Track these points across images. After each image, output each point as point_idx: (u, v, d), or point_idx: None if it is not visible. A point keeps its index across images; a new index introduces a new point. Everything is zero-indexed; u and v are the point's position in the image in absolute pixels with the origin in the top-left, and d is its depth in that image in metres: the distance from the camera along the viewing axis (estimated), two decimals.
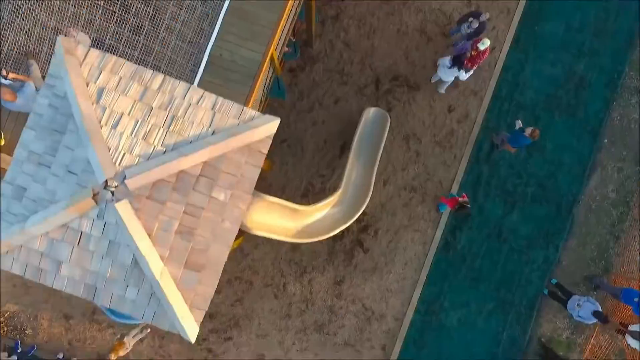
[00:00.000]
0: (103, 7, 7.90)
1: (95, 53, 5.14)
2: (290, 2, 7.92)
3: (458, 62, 9.45)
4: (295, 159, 10.73)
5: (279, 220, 7.88)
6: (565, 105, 10.80)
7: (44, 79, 7.59)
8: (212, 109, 5.10)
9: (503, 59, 10.90)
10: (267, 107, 10.21)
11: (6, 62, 7.94)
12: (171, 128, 4.98)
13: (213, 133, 5.00)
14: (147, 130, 4.93)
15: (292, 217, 8.09)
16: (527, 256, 10.59)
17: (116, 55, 6.58)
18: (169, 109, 5.04)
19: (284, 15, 7.91)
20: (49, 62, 7.63)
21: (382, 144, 10.10)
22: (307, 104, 10.77)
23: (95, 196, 4.68)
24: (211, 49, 7.90)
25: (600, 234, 10.60)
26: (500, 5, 10.96)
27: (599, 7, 10.91)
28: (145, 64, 8.00)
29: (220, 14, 7.93)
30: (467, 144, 10.78)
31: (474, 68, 9.59)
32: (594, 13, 10.91)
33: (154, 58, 8.06)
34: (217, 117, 5.06)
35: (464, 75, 9.74)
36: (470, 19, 9.43)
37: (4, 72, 6.86)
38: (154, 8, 7.95)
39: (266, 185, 10.45)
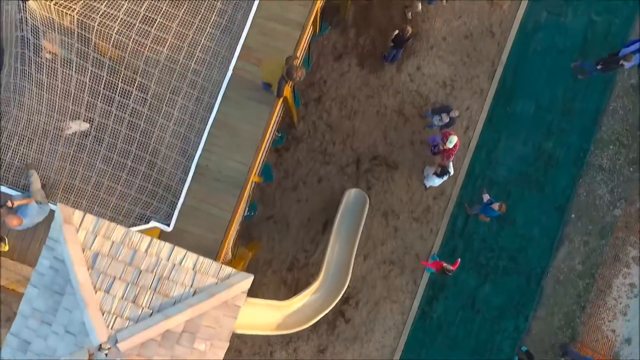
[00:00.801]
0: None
1: (90, 218, 5.81)
2: (273, 117, 8.60)
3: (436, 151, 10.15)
4: (281, 234, 11.40)
5: (262, 318, 8.56)
6: (535, 182, 11.47)
7: (43, 188, 8.34)
8: (193, 269, 5.78)
9: (477, 138, 11.56)
10: (256, 187, 10.88)
11: (8, 171, 8.63)
12: (157, 289, 5.67)
13: (194, 293, 5.69)
14: (136, 293, 5.61)
15: (273, 313, 8.78)
16: (498, 325, 11.30)
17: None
18: (155, 271, 5.73)
19: (269, 129, 8.58)
20: (48, 170, 8.38)
21: (362, 224, 10.82)
22: (292, 182, 11.44)
23: (90, 356, 5.38)
24: (198, 159, 8.58)
25: (567, 304, 11.29)
26: (473, 86, 11.61)
27: (567, 88, 11.55)
28: (137, 173, 8.69)
29: (206, 126, 8.62)
30: (442, 219, 11.45)
31: (450, 160, 10.23)
32: (562, 94, 11.55)
33: (145, 167, 8.74)
34: (198, 277, 5.75)
35: (445, 178, 10.37)
36: (442, 114, 10.09)
37: (9, 203, 7.51)
38: (145, 120, 8.62)
39: (254, 260, 11.14)
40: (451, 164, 10.42)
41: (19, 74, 8.43)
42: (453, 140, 9.57)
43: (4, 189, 8.44)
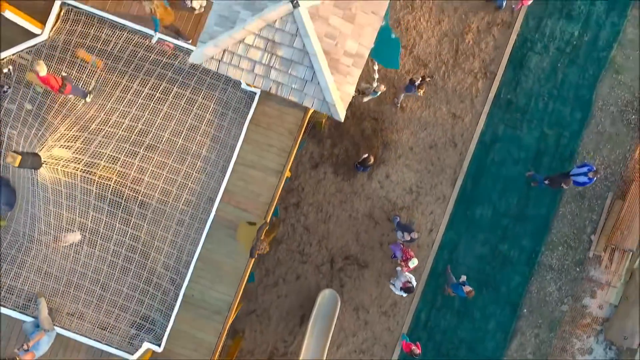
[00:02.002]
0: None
1: None
2: (251, 262, 9.85)
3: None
4: (262, 326, 12.68)
5: None
6: (491, 280, 12.74)
7: (50, 314, 9.60)
8: None
9: (439, 240, 12.82)
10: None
11: (19, 296, 9.88)
12: None
13: None
14: None
15: None
16: None
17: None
18: None
19: (248, 268, 9.83)
20: (57, 296, 9.61)
21: (335, 320, 12.12)
22: (273, 279, 12.70)
23: None
24: (185, 289, 9.83)
25: None
26: (437, 193, 12.85)
27: (521, 195, 12.80)
28: (132, 298, 9.95)
29: (192, 259, 9.87)
30: (408, 312, 12.73)
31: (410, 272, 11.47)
32: (516, 200, 12.80)
33: (139, 293, 10.00)
34: None
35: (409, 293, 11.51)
36: (404, 232, 11.33)
37: (25, 346, 8.74)
38: (139, 254, 9.87)
39: (237, 350, 12.41)
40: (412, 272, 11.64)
41: (29, 215, 9.68)
42: (414, 262, 10.84)
43: (15, 315, 9.71)
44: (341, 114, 7.20)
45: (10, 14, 8.93)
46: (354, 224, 12.80)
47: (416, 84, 11.68)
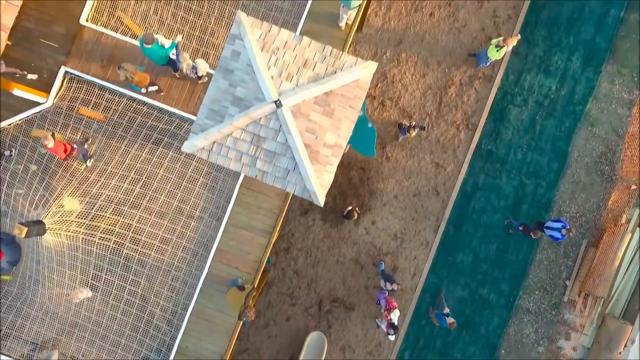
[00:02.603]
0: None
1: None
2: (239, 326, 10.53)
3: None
4: None
5: None
6: (471, 322, 13.41)
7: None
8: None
9: (422, 283, 13.48)
10: None
11: (33, 350, 10.54)
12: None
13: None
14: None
15: None
16: None
17: None
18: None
19: (238, 327, 10.50)
20: (66, 346, 10.28)
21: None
22: (264, 321, 13.38)
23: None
24: (179, 341, 10.51)
25: None
26: (420, 239, 13.52)
27: (500, 241, 13.46)
28: (130, 349, 10.63)
29: (186, 312, 10.54)
30: (392, 353, 13.39)
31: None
32: (496, 246, 13.46)
33: (137, 344, 10.67)
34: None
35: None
36: (387, 282, 12.00)
37: None
38: (137, 308, 10.55)
39: None
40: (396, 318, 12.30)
41: (34, 270, 10.36)
42: (396, 314, 11.51)
43: None
44: (321, 200, 7.86)
45: (18, 91, 9.60)
46: (341, 268, 13.47)
47: (405, 126, 12.43)
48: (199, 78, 10.35)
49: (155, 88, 10.40)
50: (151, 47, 9.13)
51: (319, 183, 7.81)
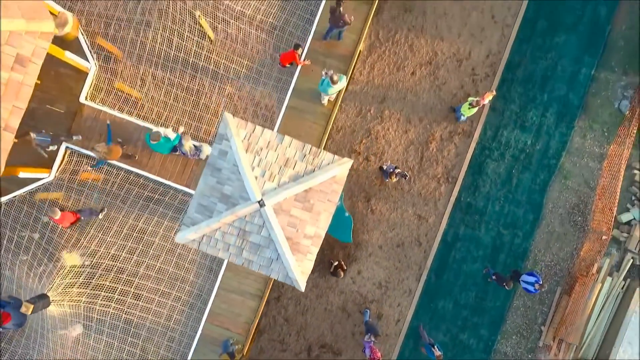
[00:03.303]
0: None
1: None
2: None
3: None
4: None
5: None
6: None
7: None
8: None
9: (406, 329, 14.24)
10: None
11: None
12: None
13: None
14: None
15: None
16: None
17: None
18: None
19: None
20: None
21: None
22: None
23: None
24: None
25: None
26: (403, 287, 14.27)
27: (479, 288, 14.22)
28: None
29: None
30: None
31: None
32: (475, 294, 14.22)
33: None
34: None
35: None
36: (369, 333, 12.74)
37: None
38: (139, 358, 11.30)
39: None
40: None
41: (39, 334, 11.10)
42: None
43: None
44: (302, 286, 8.61)
45: (23, 174, 10.32)
46: (329, 315, 14.22)
47: (385, 168, 13.22)
48: (199, 158, 11.07)
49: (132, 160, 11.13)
50: (157, 142, 9.86)
51: (300, 271, 8.55)
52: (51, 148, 10.30)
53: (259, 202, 8.16)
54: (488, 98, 13.00)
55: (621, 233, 14.01)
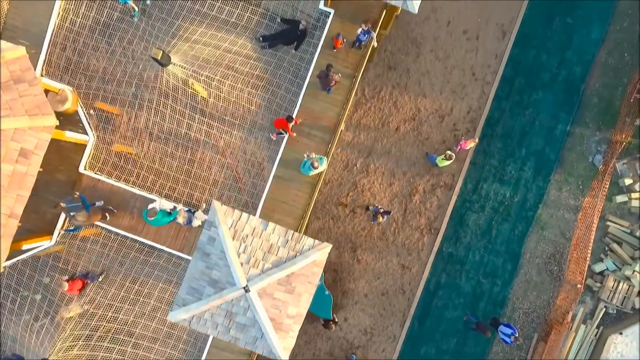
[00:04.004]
0: None
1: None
2: None
3: None
4: None
5: None
6: None
7: None
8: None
9: None
10: None
11: None
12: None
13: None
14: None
15: None
16: None
17: None
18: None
19: None
20: None
21: None
22: None
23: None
24: None
25: None
26: (388, 333, 14.98)
27: (460, 335, 14.93)
28: None
29: None
30: None
31: None
32: (456, 340, 14.94)
33: None
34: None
35: None
36: None
37: None
38: None
39: None
40: None
41: None
42: None
43: None
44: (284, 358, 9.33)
45: (26, 246, 11.02)
46: None
47: (371, 209, 13.93)
48: (191, 226, 11.75)
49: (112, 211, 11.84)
50: (155, 218, 10.56)
51: (282, 347, 9.26)
52: (81, 213, 10.93)
53: (244, 287, 8.86)
54: (470, 145, 13.76)
55: (595, 282, 14.72)
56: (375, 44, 12.06)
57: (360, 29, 11.39)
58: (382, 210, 14.02)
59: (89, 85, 11.96)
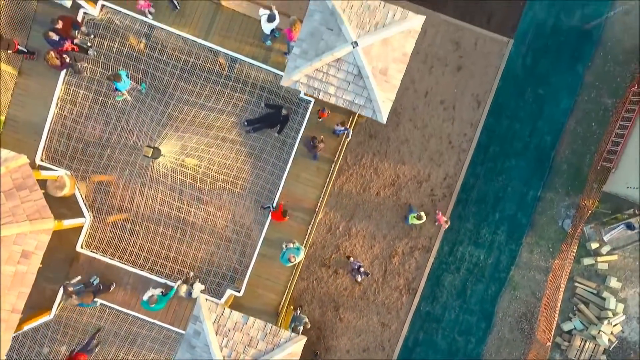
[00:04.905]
0: None
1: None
2: None
3: None
4: None
5: None
6: None
7: None
8: None
9: None
10: None
11: None
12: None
13: None
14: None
15: None
16: None
17: None
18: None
19: None
20: None
21: None
22: None
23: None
24: None
25: None
26: None
27: None
28: None
29: None
30: None
31: None
32: None
33: None
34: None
35: None
36: None
37: None
38: None
39: None
40: None
41: None
42: None
43: None
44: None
45: (27, 327, 11.88)
46: None
47: (352, 261, 14.81)
48: (191, 297, 12.60)
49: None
50: (155, 305, 11.44)
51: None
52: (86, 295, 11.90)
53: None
54: (442, 221, 14.69)
55: (563, 341, 15.60)
56: (349, 138, 12.93)
57: (336, 126, 12.26)
58: (362, 269, 14.86)
59: (85, 169, 12.81)
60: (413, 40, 10.39)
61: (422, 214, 14.48)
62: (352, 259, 15.59)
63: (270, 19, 11.42)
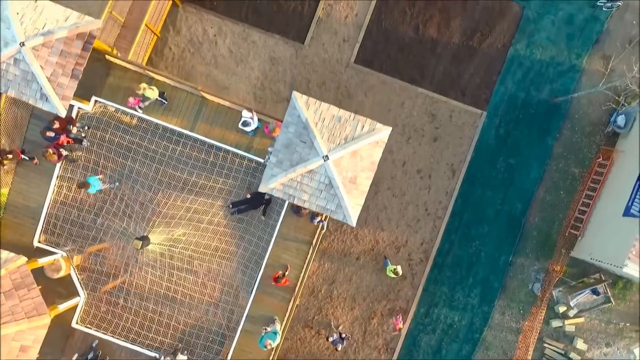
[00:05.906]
0: None
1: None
2: None
3: None
4: None
5: None
6: None
7: None
8: None
9: None
10: None
11: None
12: None
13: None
14: None
15: None
16: None
17: None
18: None
19: None
20: None
21: None
22: None
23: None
24: None
25: None
26: None
27: None
28: None
29: None
30: None
31: None
32: None
33: None
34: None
35: None
36: None
37: None
38: None
39: None
40: None
41: None
42: None
43: None
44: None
45: None
46: None
47: (330, 340, 15.60)
48: None
49: None
50: None
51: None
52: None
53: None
54: (399, 326, 15.83)
55: None
56: (324, 230, 13.87)
57: (317, 219, 13.18)
58: (343, 336, 15.59)
59: (80, 250, 13.71)
60: (380, 150, 11.30)
61: (399, 268, 15.23)
62: (330, 338, 15.94)
63: (245, 124, 12.35)
